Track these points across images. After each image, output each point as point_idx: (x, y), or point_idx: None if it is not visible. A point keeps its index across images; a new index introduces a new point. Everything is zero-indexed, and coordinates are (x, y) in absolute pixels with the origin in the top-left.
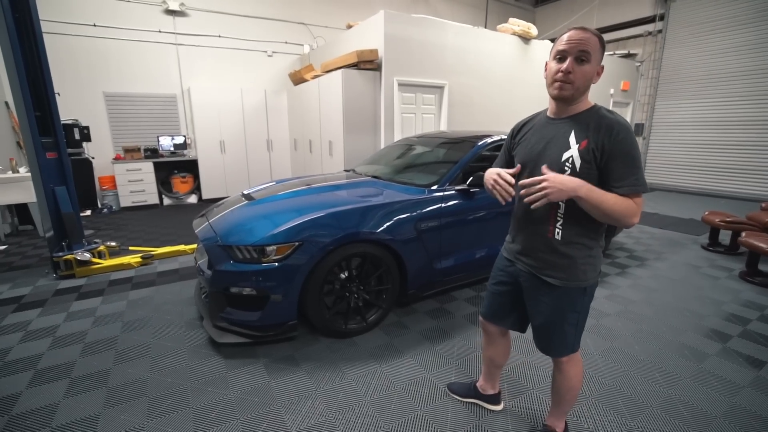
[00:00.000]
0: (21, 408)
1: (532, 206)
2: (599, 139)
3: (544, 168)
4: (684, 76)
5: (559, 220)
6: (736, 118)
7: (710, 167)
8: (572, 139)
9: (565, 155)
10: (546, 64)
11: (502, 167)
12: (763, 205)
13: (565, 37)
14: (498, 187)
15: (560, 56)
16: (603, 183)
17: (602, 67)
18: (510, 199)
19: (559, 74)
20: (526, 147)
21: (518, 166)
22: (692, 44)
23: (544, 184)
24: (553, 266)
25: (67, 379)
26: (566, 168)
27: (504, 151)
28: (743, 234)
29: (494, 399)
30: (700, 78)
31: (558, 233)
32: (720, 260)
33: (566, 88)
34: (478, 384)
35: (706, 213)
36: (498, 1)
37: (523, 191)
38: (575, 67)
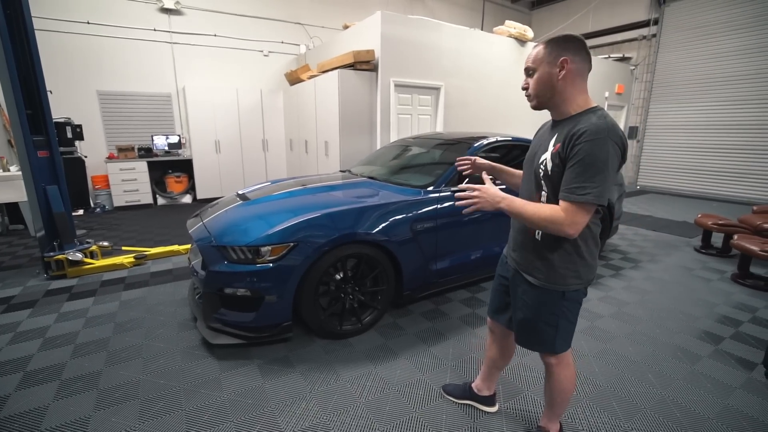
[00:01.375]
0: (9, 411)
1: (463, 211)
2: (566, 142)
3: (484, 175)
4: (677, 79)
5: None
6: (729, 121)
7: (703, 170)
8: (552, 141)
9: (542, 157)
10: None
11: None
12: (755, 208)
13: None
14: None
15: None
16: None
17: (564, 61)
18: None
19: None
20: (530, 149)
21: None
22: (686, 48)
23: (476, 193)
24: (534, 266)
25: (57, 381)
26: (540, 170)
27: None
28: (735, 237)
29: (489, 400)
30: (693, 82)
31: (539, 233)
32: (712, 262)
33: (530, 101)
34: (473, 385)
35: (699, 216)
36: (494, 3)
37: (458, 195)
38: (528, 81)
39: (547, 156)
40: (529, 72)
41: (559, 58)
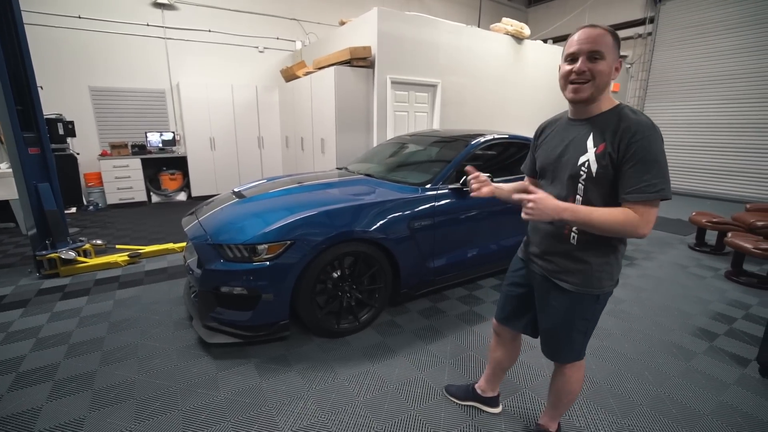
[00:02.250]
0: (1, 412)
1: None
2: (616, 142)
3: (530, 186)
4: (672, 78)
5: None
6: (723, 120)
7: (697, 169)
8: (590, 142)
9: (582, 159)
10: (559, 67)
11: (530, 169)
12: (748, 206)
13: (575, 37)
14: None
15: (571, 58)
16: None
17: (621, 62)
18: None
19: (573, 75)
20: (546, 150)
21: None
22: (681, 47)
23: (531, 205)
24: (567, 271)
25: (50, 382)
26: (582, 172)
27: (530, 153)
28: (729, 234)
29: (493, 402)
30: (688, 81)
31: (574, 237)
32: (706, 260)
33: (582, 90)
34: (477, 386)
35: (693, 213)
36: (491, 0)
37: (515, 198)
38: (589, 65)
39: (589, 157)
40: (595, 56)
41: (618, 56)
